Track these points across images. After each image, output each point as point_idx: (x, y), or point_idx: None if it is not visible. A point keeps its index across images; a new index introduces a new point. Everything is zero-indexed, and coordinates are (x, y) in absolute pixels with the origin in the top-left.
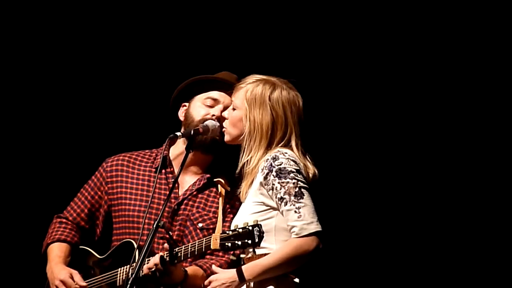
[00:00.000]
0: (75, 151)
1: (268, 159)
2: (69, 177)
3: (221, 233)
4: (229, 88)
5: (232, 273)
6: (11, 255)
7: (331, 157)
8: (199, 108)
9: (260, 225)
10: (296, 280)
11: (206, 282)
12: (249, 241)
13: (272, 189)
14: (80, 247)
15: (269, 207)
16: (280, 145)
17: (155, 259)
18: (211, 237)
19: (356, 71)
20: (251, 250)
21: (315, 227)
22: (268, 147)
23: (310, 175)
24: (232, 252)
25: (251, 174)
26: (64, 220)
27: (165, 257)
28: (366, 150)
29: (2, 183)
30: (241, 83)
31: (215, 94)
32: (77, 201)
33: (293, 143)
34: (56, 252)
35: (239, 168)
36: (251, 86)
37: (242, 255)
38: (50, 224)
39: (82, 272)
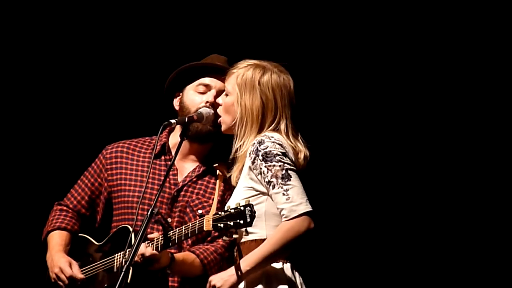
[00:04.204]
0: (75, 139)
1: (254, 143)
2: (69, 164)
3: (213, 214)
4: (219, 72)
5: (230, 268)
6: (12, 242)
7: (326, 146)
8: (193, 96)
9: (252, 205)
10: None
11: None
12: (241, 221)
13: (261, 173)
14: (80, 235)
15: (258, 192)
16: (270, 128)
17: (141, 249)
18: (203, 219)
19: (350, 55)
20: (243, 230)
21: (305, 207)
22: (259, 131)
23: (302, 157)
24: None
25: (241, 158)
26: (64, 208)
27: (155, 243)
28: (361, 141)
29: (3, 171)
30: (233, 68)
31: (206, 80)
32: (77, 188)
33: (282, 126)
34: (56, 240)
35: (232, 154)
36: (242, 71)
37: (235, 236)
38: (51, 211)
39: (81, 259)
